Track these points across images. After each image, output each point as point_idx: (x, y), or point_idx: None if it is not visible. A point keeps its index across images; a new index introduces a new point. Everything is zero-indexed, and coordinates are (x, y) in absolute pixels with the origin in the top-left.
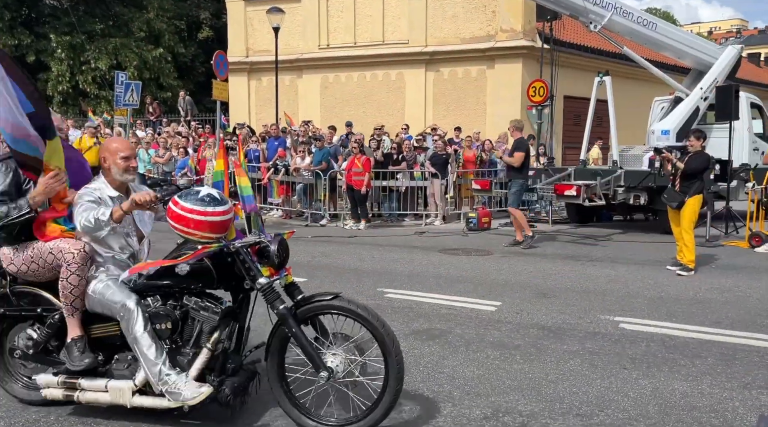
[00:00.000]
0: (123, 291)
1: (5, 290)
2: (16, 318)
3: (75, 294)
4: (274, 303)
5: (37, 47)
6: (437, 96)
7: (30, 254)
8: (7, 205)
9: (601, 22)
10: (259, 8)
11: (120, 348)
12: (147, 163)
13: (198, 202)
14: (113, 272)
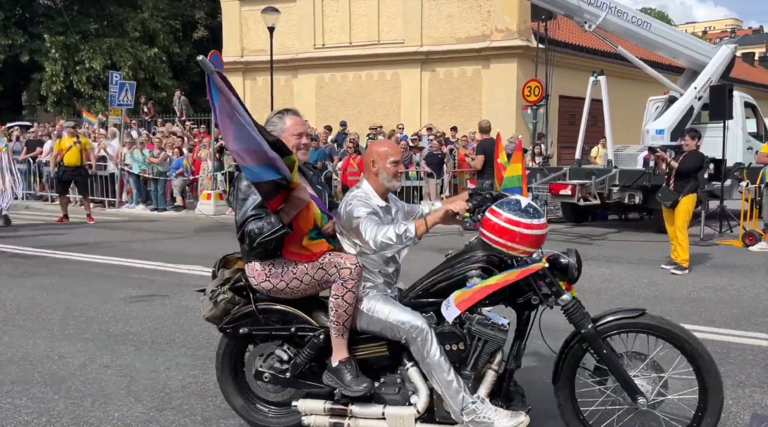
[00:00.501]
0: (406, 309)
1: (252, 308)
2: (262, 338)
3: (348, 313)
4: (581, 322)
5: (31, 47)
6: (433, 96)
7: (293, 270)
8: (262, 221)
9: (596, 22)
10: (254, 8)
11: (382, 370)
12: (141, 163)
13: (523, 214)
14: (382, 288)
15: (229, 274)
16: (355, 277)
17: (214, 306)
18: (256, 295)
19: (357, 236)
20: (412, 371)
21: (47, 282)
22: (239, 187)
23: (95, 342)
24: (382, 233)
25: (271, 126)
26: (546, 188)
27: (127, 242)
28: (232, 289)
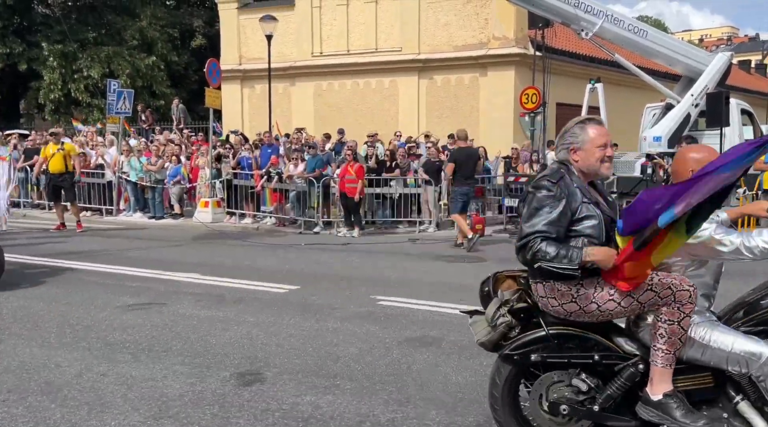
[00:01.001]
0: (752, 339)
1: (543, 332)
2: (553, 366)
3: (683, 341)
4: None
5: (29, 56)
6: (430, 103)
7: (609, 292)
8: (558, 248)
9: (593, 30)
10: (252, 16)
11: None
12: (139, 171)
13: None
14: (705, 313)
15: (509, 295)
16: (693, 300)
17: (493, 330)
18: (547, 318)
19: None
20: (744, 406)
21: (44, 290)
22: (536, 195)
23: (92, 351)
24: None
25: (572, 137)
26: None
27: (125, 250)
28: (511, 311)
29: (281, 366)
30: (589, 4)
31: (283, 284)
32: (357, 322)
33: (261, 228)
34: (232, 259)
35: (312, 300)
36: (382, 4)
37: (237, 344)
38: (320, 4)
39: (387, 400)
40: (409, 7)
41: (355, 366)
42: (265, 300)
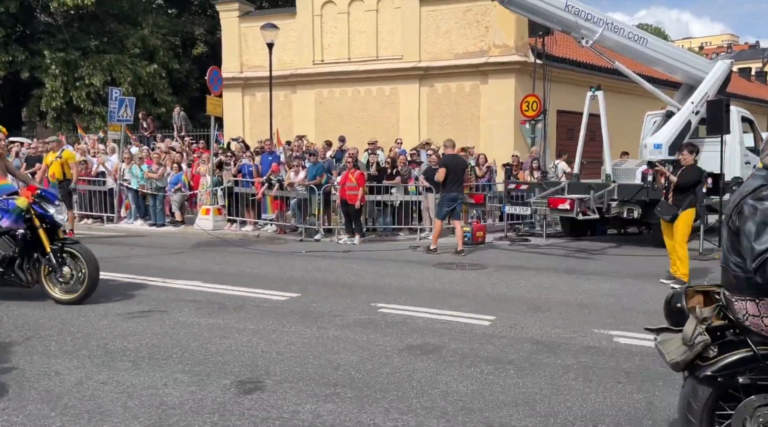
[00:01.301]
0: None
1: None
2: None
3: None
4: None
5: (31, 64)
6: (431, 111)
7: None
8: None
9: (593, 38)
10: (254, 24)
11: None
12: (140, 178)
13: None
14: None
15: (707, 312)
16: None
17: (689, 349)
18: (753, 338)
19: None
20: None
21: (44, 298)
22: (759, 208)
23: (92, 358)
24: None
25: None
26: (545, 203)
27: (126, 258)
28: (708, 330)
29: (282, 374)
30: (589, 13)
31: (284, 292)
32: (358, 329)
33: (262, 235)
34: (232, 266)
35: (313, 307)
36: (383, 13)
37: (237, 352)
38: (321, 12)
39: (388, 408)
40: (410, 16)
41: (356, 374)
42: (266, 308)
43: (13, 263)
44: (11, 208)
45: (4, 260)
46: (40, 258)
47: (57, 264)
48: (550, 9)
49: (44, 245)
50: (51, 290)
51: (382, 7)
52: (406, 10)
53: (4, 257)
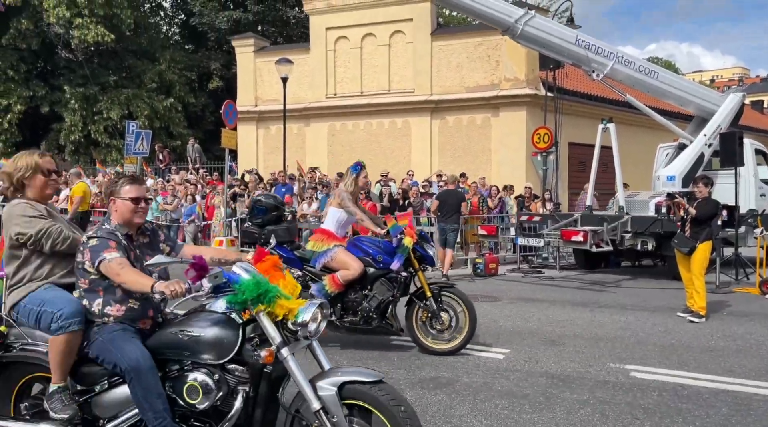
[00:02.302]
0: None
1: None
2: None
3: None
4: None
5: (51, 98)
6: (443, 143)
7: None
8: None
9: (604, 71)
10: (268, 59)
11: None
12: (155, 210)
13: None
14: None
15: None
16: None
17: None
18: None
19: None
20: None
21: None
22: None
23: None
24: None
25: None
26: (558, 235)
27: None
28: None
29: None
30: (600, 47)
31: None
32: (370, 363)
33: None
34: None
35: (322, 340)
36: (395, 47)
37: None
38: (335, 47)
39: None
40: (422, 50)
41: None
42: None
43: (386, 309)
44: (398, 249)
45: (380, 305)
46: (415, 303)
47: (437, 310)
48: (561, 43)
49: (424, 288)
50: (423, 338)
51: (394, 42)
52: (417, 44)
53: (381, 302)
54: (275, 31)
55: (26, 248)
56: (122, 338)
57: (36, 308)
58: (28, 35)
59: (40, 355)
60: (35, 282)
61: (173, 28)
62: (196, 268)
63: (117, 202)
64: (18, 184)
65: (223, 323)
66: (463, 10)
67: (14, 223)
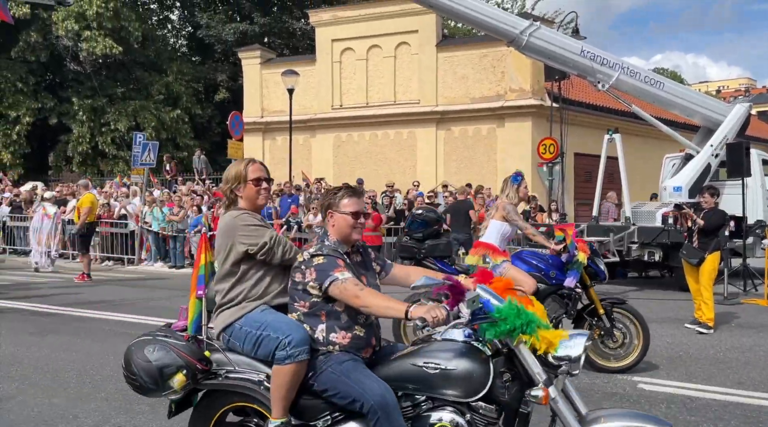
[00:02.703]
0: None
1: None
2: None
3: None
4: None
5: (59, 110)
6: (448, 154)
7: None
8: None
9: (609, 82)
10: (275, 71)
11: None
12: (161, 221)
13: None
14: None
15: None
16: None
17: None
18: None
19: None
20: None
21: (65, 340)
22: None
23: (110, 402)
24: None
25: None
26: None
27: (146, 300)
28: None
29: None
30: (605, 57)
31: None
32: None
33: None
34: None
35: None
36: (401, 59)
37: None
38: (340, 59)
39: None
40: (427, 61)
41: None
42: None
43: (557, 326)
44: (572, 264)
45: (552, 322)
46: (584, 320)
47: (610, 327)
48: (566, 54)
49: (596, 305)
50: (594, 356)
51: (399, 54)
52: (423, 56)
53: (553, 320)
54: (281, 43)
55: (244, 263)
56: (358, 370)
57: (255, 332)
58: (37, 48)
59: (248, 384)
60: (250, 302)
61: (180, 40)
62: (454, 291)
63: (335, 216)
64: (231, 197)
65: (471, 355)
66: (469, 22)
67: (240, 234)
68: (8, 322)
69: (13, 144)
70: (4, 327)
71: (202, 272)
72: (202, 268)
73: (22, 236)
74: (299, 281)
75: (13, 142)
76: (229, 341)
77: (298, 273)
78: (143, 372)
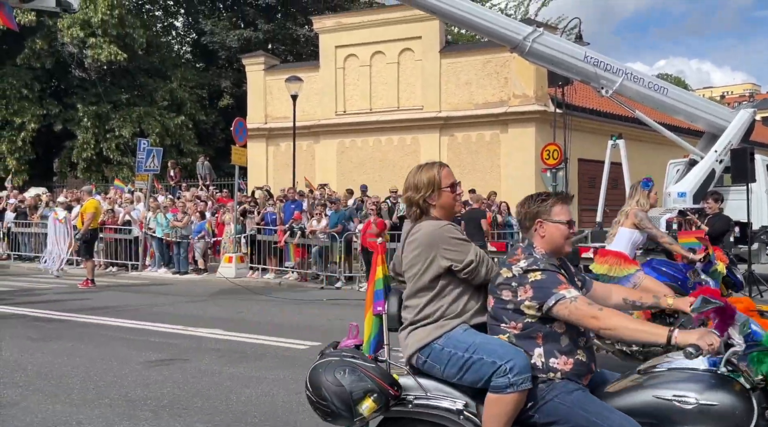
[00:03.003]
0: None
1: None
2: None
3: None
4: None
5: (64, 117)
6: (452, 159)
7: None
8: None
9: (613, 88)
10: (278, 77)
11: None
12: (165, 227)
13: None
14: None
15: None
16: None
17: None
18: None
19: None
20: None
21: (69, 346)
22: None
23: (114, 407)
24: None
25: None
26: None
27: (149, 306)
28: None
29: (302, 425)
30: (608, 63)
31: (305, 340)
32: None
33: (283, 283)
34: (254, 314)
35: None
36: (404, 65)
37: (258, 402)
38: (344, 65)
39: None
40: (430, 67)
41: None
42: (287, 356)
43: None
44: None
45: None
46: None
47: None
48: (569, 60)
49: None
50: None
51: (403, 60)
52: (426, 62)
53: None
54: (285, 49)
55: (443, 279)
56: (595, 403)
57: (462, 354)
58: (42, 55)
59: (445, 413)
60: (449, 320)
61: (185, 46)
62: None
63: (546, 225)
64: (424, 206)
65: (728, 388)
66: (472, 28)
67: (444, 247)
68: (12, 328)
69: (19, 150)
70: (8, 333)
71: (380, 287)
72: (379, 282)
73: (27, 242)
74: (509, 300)
75: (18, 149)
76: (425, 363)
77: (506, 290)
78: (336, 397)
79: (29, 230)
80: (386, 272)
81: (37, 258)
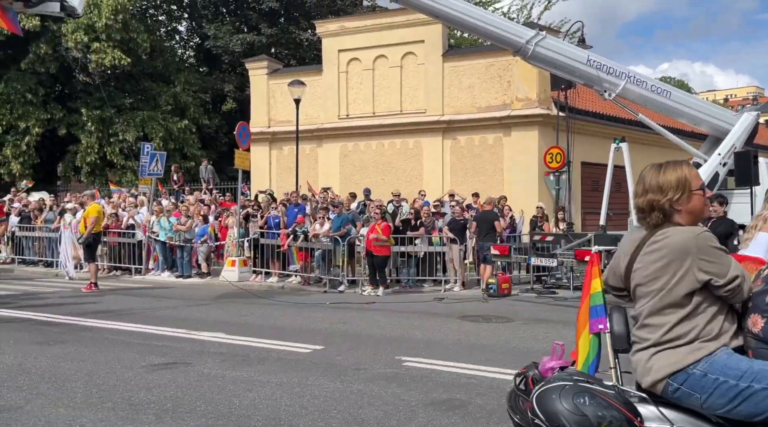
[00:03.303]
0: None
1: None
2: None
3: None
4: None
5: (68, 121)
6: (454, 163)
7: None
8: None
9: (615, 91)
10: (281, 81)
11: None
12: (168, 230)
13: None
14: None
15: None
16: None
17: None
18: None
19: None
20: None
21: (72, 350)
22: None
23: (117, 411)
24: None
25: None
26: (571, 255)
27: (152, 309)
28: None
29: None
30: (611, 66)
31: (308, 344)
32: (382, 383)
33: (286, 287)
34: (257, 318)
35: (336, 360)
36: (407, 69)
37: (261, 406)
38: (347, 69)
39: None
40: (433, 71)
41: None
42: (290, 360)
43: None
44: None
45: None
46: None
47: None
48: (572, 63)
49: None
50: None
51: (406, 64)
52: (429, 65)
53: None
54: (288, 53)
55: (698, 295)
56: None
57: (736, 383)
58: (46, 59)
59: None
60: (705, 342)
61: (188, 51)
62: None
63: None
64: (669, 211)
65: None
66: (475, 32)
67: (703, 258)
68: (16, 331)
69: (23, 154)
70: (12, 336)
71: (599, 302)
72: (597, 296)
73: (31, 246)
74: None
75: (22, 153)
76: (678, 391)
77: None
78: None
79: (33, 234)
80: (603, 285)
81: (41, 262)
